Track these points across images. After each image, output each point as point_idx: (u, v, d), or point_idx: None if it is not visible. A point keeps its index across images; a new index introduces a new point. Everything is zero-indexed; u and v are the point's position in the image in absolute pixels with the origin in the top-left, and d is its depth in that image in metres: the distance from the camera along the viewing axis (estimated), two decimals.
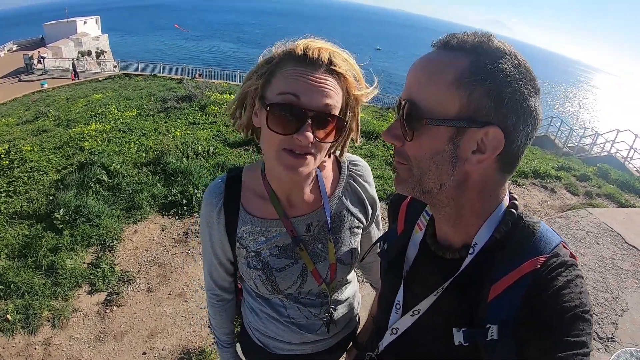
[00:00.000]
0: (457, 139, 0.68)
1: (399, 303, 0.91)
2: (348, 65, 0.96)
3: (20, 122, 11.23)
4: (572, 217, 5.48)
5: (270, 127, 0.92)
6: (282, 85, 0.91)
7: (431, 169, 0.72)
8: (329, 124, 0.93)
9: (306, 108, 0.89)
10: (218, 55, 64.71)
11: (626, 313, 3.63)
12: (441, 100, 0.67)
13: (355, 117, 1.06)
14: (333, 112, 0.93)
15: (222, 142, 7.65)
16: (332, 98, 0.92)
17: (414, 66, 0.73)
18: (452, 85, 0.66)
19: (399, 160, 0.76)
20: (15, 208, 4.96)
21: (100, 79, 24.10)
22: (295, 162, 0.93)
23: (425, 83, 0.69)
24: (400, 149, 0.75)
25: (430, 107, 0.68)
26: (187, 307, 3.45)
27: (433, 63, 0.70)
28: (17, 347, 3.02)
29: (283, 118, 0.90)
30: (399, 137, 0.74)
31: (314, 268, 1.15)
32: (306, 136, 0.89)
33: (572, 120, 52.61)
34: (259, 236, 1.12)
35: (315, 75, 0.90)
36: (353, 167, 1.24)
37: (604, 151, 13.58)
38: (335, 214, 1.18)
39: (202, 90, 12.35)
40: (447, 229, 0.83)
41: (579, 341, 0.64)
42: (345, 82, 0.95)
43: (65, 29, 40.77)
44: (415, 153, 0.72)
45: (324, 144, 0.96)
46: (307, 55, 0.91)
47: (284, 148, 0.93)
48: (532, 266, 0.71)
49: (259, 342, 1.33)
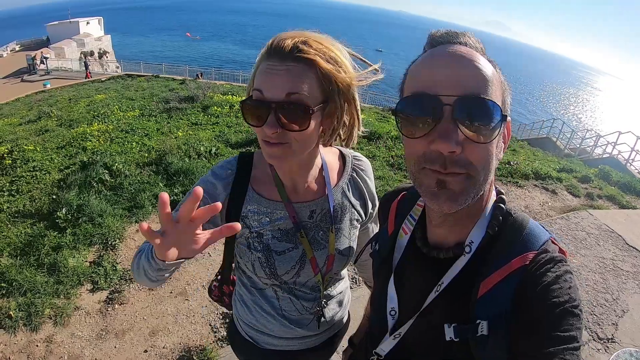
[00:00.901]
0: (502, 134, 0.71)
1: (394, 309, 0.90)
2: (320, 50, 0.94)
3: (23, 122, 11.28)
4: (573, 218, 5.48)
5: (247, 121, 0.98)
6: (255, 82, 0.96)
7: (492, 169, 0.70)
8: (296, 113, 0.92)
9: (269, 100, 0.92)
10: (220, 56, 64.90)
11: (626, 314, 3.63)
12: (498, 95, 0.68)
13: (353, 103, 1.04)
14: (299, 101, 0.92)
15: (224, 142, 7.67)
16: (296, 87, 0.91)
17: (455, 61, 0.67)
18: (499, 82, 0.69)
19: (456, 171, 0.67)
20: (17, 207, 4.99)
21: (102, 79, 24.18)
22: (271, 151, 0.97)
23: (484, 80, 0.66)
24: (459, 157, 0.66)
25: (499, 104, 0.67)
26: (188, 305, 3.47)
27: (478, 60, 0.67)
28: (19, 344, 3.04)
29: (252, 112, 0.95)
30: (459, 142, 0.65)
31: (312, 256, 1.16)
32: (270, 127, 0.91)
33: (574, 122, 52.51)
34: (263, 217, 1.13)
35: (277, 66, 0.91)
36: (357, 162, 1.27)
37: (605, 153, 13.57)
38: (337, 204, 1.20)
39: (205, 91, 12.41)
40: (443, 229, 0.82)
41: (569, 336, 0.64)
42: (319, 67, 0.93)
43: (68, 30, 40.92)
44: (484, 155, 0.67)
45: (297, 134, 0.95)
46: (272, 48, 0.94)
47: (262, 139, 0.97)
48: (521, 262, 0.72)
49: (248, 337, 1.33)
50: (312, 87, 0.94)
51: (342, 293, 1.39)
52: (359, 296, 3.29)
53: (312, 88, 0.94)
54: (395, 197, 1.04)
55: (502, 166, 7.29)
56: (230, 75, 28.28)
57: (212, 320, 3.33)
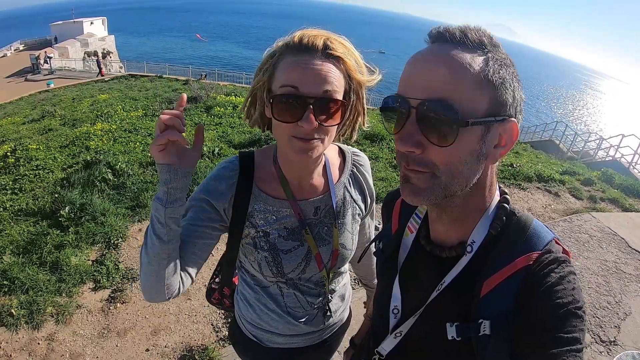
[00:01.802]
0: (486, 136, 0.67)
1: (397, 307, 0.90)
2: (345, 49, 0.98)
3: (26, 121, 11.33)
4: (575, 221, 5.46)
5: (276, 117, 0.96)
6: (283, 77, 0.95)
7: (462, 171, 0.68)
8: (330, 108, 0.95)
9: (306, 96, 0.92)
10: (224, 57, 64.99)
11: (629, 317, 3.62)
12: (474, 97, 0.64)
13: (361, 100, 1.07)
14: (334, 97, 0.95)
15: (227, 143, 7.69)
16: (331, 83, 0.93)
17: (426, 62, 0.67)
18: (481, 81, 0.64)
19: (417, 169, 0.69)
20: (20, 205, 5.01)
21: (106, 79, 24.26)
22: (305, 146, 0.96)
23: (453, 81, 0.64)
24: (421, 156, 0.68)
25: (464, 107, 0.64)
26: (190, 305, 3.47)
27: (453, 59, 0.65)
28: (20, 341, 3.05)
29: (286, 108, 0.94)
30: (420, 143, 0.67)
31: (317, 252, 1.17)
32: (309, 122, 0.92)
33: (578, 125, 52.38)
34: (270, 215, 1.14)
35: (312, 62, 0.93)
36: (356, 157, 1.29)
37: (608, 156, 13.55)
38: (340, 199, 1.21)
39: (208, 91, 12.46)
40: (444, 228, 0.82)
41: (572, 337, 0.64)
42: (344, 65, 0.97)
43: (71, 30, 41.12)
44: (448, 157, 0.67)
45: (329, 128, 0.98)
46: (302, 44, 0.94)
47: (292, 135, 0.96)
48: (525, 262, 0.71)
49: (251, 335, 1.33)
50: (341, 83, 0.97)
51: (344, 286, 1.41)
52: (361, 297, 3.28)
53: (341, 85, 0.97)
54: (399, 196, 1.04)
55: (505, 168, 7.28)
56: (233, 76, 28.32)
57: (214, 320, 3.33)
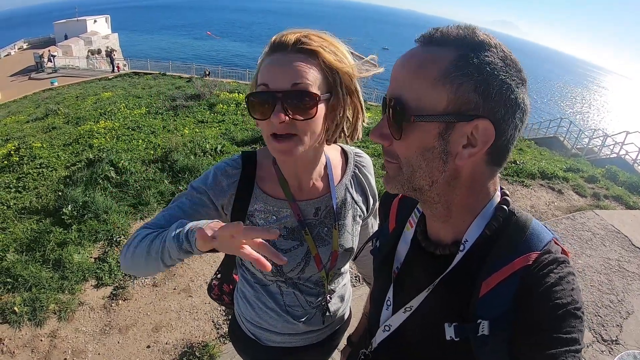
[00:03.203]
0: (446, 134, 0.67)
1: (390, 300, 0.91)
2: (323, 41, 0.97)
3: (30, 120, 11.39)
4: (579, 218, 5.44)
5: (252, 116, 0.97)
6: (259, 78, 0.97)
7: (422, 166, 0.71)
8: (302, 101, 0.93)
9: (275, 91, 0.92)
10: (227, 54, 65.02)
11: (631, 316, 3.60)
12: (428, 95, 0.66)
13: (355, 94, 1.04)
14: (305, 89, 0.93)
15: (229, 140, 7.70)
16: (302, 76, 0.92)
17: (398, 63, 0.72)
18: (439, 80, 0.65)
19: (388, 159, 0.76)
20: (24, 203, 5.03)
21: (109, 77, 24.33)
22: (279, 145, 0.96)
23: (410, 79, 0.68)
24: (389, 148, 0.75)
25: (417, 104, 0.67)
26: (191, 302, 3.48)
27: (417, 58, 0.69)
28: (23, 338, 3.07)
29: (258, 105, 0.95)
30: (387, 136, 0.73)
31: (316, 253, 1.17)
32: (278, 117, 0.91)
33: (582, 121, 52.10)
34: (270, 215, 1.14)
35: (282, 59, 0.93)
36: (358, 158, 1.28)
37: (612, 153, 13.43)
38: (340, 200, 1.20)
39: (211, 89, 12.47)
40: (438, 225, 0.83)
41: (571, 338, 0.64)
42: (321, 57, 0.95)
43: (75, 28, 41.21)
44: (405, 151, 0.72)
45: (304, 124, 0.96)
46: (275, 43, 0.96)
47: (270, 134, 0.97)
48: (524, 262, 0.71)
49: (250, 334, 1.33)
50: (316, 77, 0.95)
51: (344, 287, 1.40)
52: (362, 294, 3.28)
53: (316, 78, 0.95)
54: (397, 194, 1.04)
55: (509, 165, 7.24)
56: (237, 73, 28.33)
57: (215, 317, 3.34)
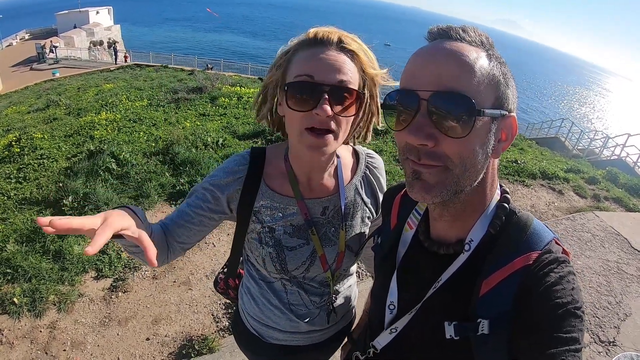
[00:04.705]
0: (495, 129, 0.69)
1: (393, 303, 0.90)
2: (358, 45, 0.98)
3: (31, 110, 11.38)
4: (578, 219, 5.44)
5: (291, 107, 0.95)
6: (297, 68, 0.95)
7: (474, 164, 0.69)
8: (346, 98, 0.94)
9: (322, 83, 0.91)
10: (229, 47, 64.81)
11: (629, 317, 3.60)
12: (482, 91, 0.66)
13: (375, 99, 1.06)
14: (352, 87, 0.94)
15: (231, 133, 7.69)
16: (346, 74, 0.93)
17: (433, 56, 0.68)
18: (487, 76, 0.66)
19: (429, 163, 0.69)
20: (24, 194, 5.04)
21: (111, 68, 24.27)
22: (317, 141, 0.95)
23: (464, 75, 0.65)
24: (433, 149, 0.68)
25: (477, 99, 0.65)
26: (191, 295, 3.49)
27: (462, 53, 0.66)
28: (22, 329, 3.08)
29: (301, 96, 0.93)
30: (433, 135, 0.67)
31: (322, 253, 1.16)
32: (324, 109, 0.90)
33: (583, 122, 52.04)
34: (276, 212, 1.13)
35: (327, 53, 0.93)
36: (370, 159, 1.27)
37: (613, 155, 13.42)
38: (350, 201, 1.19)
39: (213, 82, 12.42)
40: (443, 225, 0.82)
41: (571, 337, 0.64)
42: (358, 59, 0.97)
43: (77, 19, 41.07)
44: (460, 149, 0.67)
45: (343, 120, 0.97)
46: (317, 38, 0.95)
47: (306, 127, 0.95)
48: (524, 262, 0.71)
49: (253, 330, 1.33)
50: (356, 77, 0.97)
51: (349, 288, 1.39)
52: (362, 290, 3.28)
53: (356, 78, 0.97)
54: (399, 191, 1.04)
55: (509, 165, 7.25)
56: (239, 66, 28.26)
57: (215, 310, 3.35)
